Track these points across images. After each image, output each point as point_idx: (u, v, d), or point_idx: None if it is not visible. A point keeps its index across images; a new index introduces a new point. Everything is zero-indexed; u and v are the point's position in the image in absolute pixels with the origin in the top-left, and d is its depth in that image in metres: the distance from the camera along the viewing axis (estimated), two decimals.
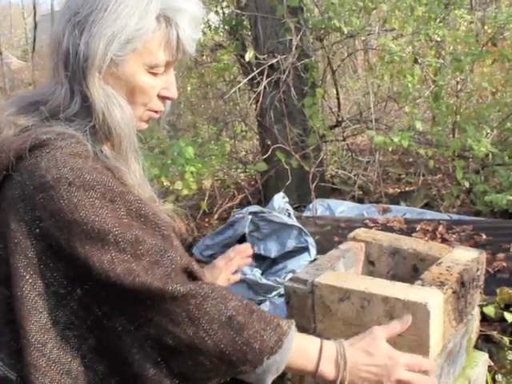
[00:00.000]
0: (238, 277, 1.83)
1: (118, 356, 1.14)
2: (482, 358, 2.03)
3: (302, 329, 1.87)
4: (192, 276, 1.21)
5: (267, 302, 3.81)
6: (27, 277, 1.12)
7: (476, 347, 2.12)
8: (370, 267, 2.11)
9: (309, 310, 1.80)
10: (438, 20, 5.34)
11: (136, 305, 1.11)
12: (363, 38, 6.04)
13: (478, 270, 1.90)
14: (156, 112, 1.34)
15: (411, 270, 2.02)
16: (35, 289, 1.12)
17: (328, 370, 1.23)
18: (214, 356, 1.12)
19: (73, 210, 1.09)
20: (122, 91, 1.25)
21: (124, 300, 1.11)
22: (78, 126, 1.21)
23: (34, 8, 19.49)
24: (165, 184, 4.77)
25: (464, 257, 1.89)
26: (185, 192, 4.67)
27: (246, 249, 1.77)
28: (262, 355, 1.14)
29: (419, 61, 5.13)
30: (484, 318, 2.62)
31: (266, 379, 1.18)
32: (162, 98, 1.32)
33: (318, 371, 1.24)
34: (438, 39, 5.56)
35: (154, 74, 1.27)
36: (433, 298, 1.62)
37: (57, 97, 1.23)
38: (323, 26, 5.15)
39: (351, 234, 2.14)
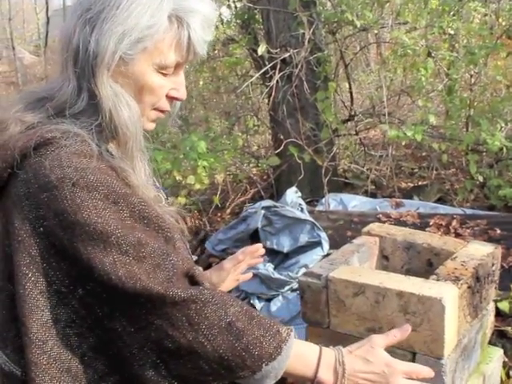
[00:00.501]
0: (249, 276, 1.82)
1: (117, 355, 1.14)
2: (497, 354, 2.03)
3: (316, 323, 1.87)
4: (193, 280, 1.20)
5: (280, 297, 3.81)
6: (30, 275, 1.12)
7: (490, 343, 2.11)
8: (384, 262, 2.10)
9: (323, 304, 1.80)
10: (451, 13, 5.29)
11: (137, 308, 1.11)
12: (376, 32, 5.99)
13: (493, 264, 1.89)
14: (163, 112, 1.32)
15: (426, 264, 2.01)
16: (37, 287, 1.12)
17: (326, 376, 1.22)
18: (213, 361, 1.13)
19: (76, 210, 1.09)
20: (131, 90, 1.24)
21: (125, 302, 1.11)
22: (83, 124, 1.21)
23: (47, 3, 19.54)
24: (177, 178, 4.78)
25: (479, 252, 1.88)
26: (197, 186, 4.67)
27: (257, 249, 1.75)
28: (260, 361, 1.14)
29: (433, 54, 5.09)
30: (498, 314, 2.60)
31: None
32: (171, 99, 1.31)
33: (316, 378, 1.23)
34: (452, 32, 5.51)
35: (164, 74, 1.26)
36: (448, 293, 1.62)
37: (64, 93, 1.22)
38: (336, 20, 5.12)
39: (365, 229, 2.13)
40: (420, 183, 5.67)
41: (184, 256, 1.21)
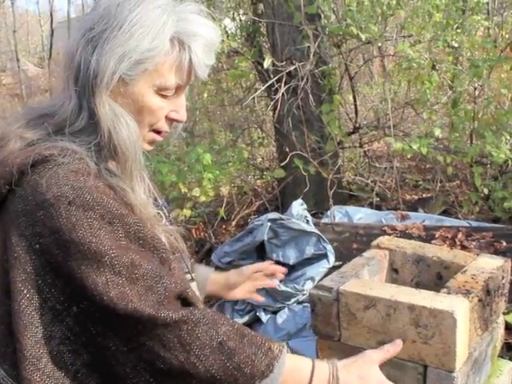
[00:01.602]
0: (260, 298, 1.92)
1: (111, 373, 1.15)
2: (507, 367, 2.03)
3: (326, 336, 1.87)
4: (186, 302, 1.21)
5: (286, 309, 3.81)
6: (25, 291, 1.13)
7: (500, 356, 2.11)
8: (394, 275, 2.11)
9: (334, 317, 1.81)
10: (455, 26, 5.32)
11: (128, 328, 1.11)
12: (380, 45, 6.03)
13: (503, 278, 1.90)
14: (160, 134, 1.32)
15: (435, 277, 2.02)
16: (32, 303, 1.13)
17: None
18: (206, 381, 1.13)
19: (71, 229, 1.10)
20: (130, 110, 1.24)
21: (117, 323, 1.12)
22: (82, 143, 1.22)
23: (51, 15, 19.69)
24: (182, 191, 4.79)
25: (489, 265, 1.89)
26: (202, 199, 4.69)
27: (279, 271, 1.82)
28: (253, 380, 1.14)
29: (437, 67, 5.11)
30: (506, 327, 2.61)
31: None
32: (170, 120, 1.31)
33: None
34: (456, 45, 5.54)
35: (164, 96, 1.26)
36: (459, 306, 1.62)
37: (64, 111, 1.23)
38: (341, 33, 5.15)
39: (375, 242, 2.14)
40: (425, 195, 5.68)
41: (178, 277, 1.21)
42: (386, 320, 1.70)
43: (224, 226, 5.48)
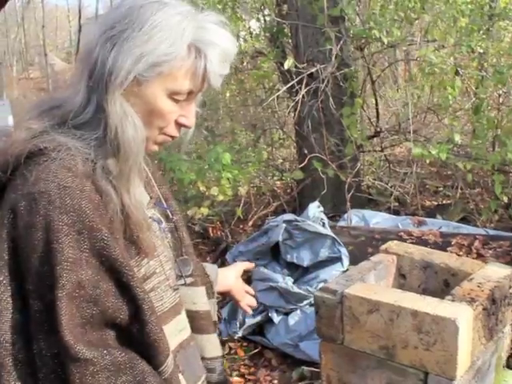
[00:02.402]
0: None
1: None
2: None
3: (329, 339, 1.88)
4: (116, 328, 1.21)
5: (298, 311, 3.82)
6: (1, 278, 1.16)
7: (508, 366, 2.09)
8: (401, 280, 2.10)
9: (337, 320, 1.81)
10: (481, 32, 5.27)
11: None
12: (404, 49, 6.00)
13: (510, 287, 1.88)
14: (172, 137, 1.33)
15: (442, 284, 2.01)
16: (8, 290, 1.15)
17: None
18: None
19: (42, 227, 1.13)
20: (141, 111, 1.25)
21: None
22: (84, 137, 1.23)
23: (79, 11, 19.86)
24: (201, 189, 4.81)
25: (496, 273, 1.88)
26: (220, 198, 4.70)
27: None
28: None
29: (460, 72, 5.07)
30: None
31: None
32: (179, 125, 1.32)
33: None
34: (481, 51, 5.49)
35: (175, 101, 1.27)
36: (462, 314, 1.62)
37: (71, 103, 1.25)
38: (364, 36, 5.13)
39: (383, 247, 2.14)
40: (444, 202, 5.64)
41: (115, 305, 1.19)
42: (388, 325, 1.70)
43: (241, 226, 5.49)
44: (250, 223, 5.34)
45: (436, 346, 1.63)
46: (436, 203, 5.69)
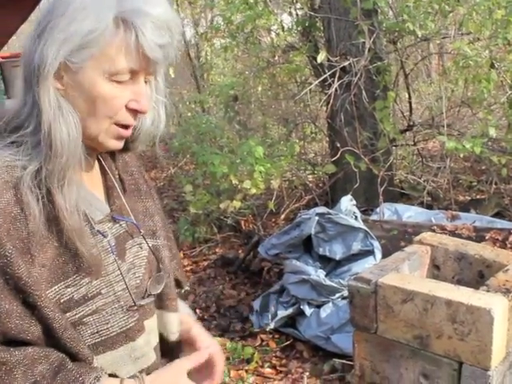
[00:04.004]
0: None
1: None
2: None
3: (363, 328, 1.89)
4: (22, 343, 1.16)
5: (330, 304, 3.83)
6: None
7: None
8: (435, 271, 2.10)
9: (371, 309, 1.81)
10: None
11: None
12: (438, 42, 5.94)
13: None
14: (126, 128, 1.23)
15: (477, 275, 2.00)
16: None
17: None
18: None
19: None
20: (83, 102, 1.18)
21: None
22: (18, 140, 1.17)
23: None
24: (233, 182, 4.84)
25: None
26: (253, 191, 4.73)
27: None
28: None
29: (496, 66, 5.01)
30: None
31: None
32: (132, 112, 1.22)
33: None
34: None
35: (118, 83, 1.18)
36: (497, 304, 1.61)
37: (11, 109, 1.21)
38: (397, 29, 5.10)
39: (417, 238, 2.14)
40: (478, 197, 5.58)
41: (19, 323, 1.14)
42: (422, 314, 1.70)
43: (273, 219, 5.52)
44: (282, 216, 5.36)
45: (470, 336, 1.62)
46: (469, 198, 5.64)
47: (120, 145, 1.26)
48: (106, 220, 1.30)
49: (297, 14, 6.11)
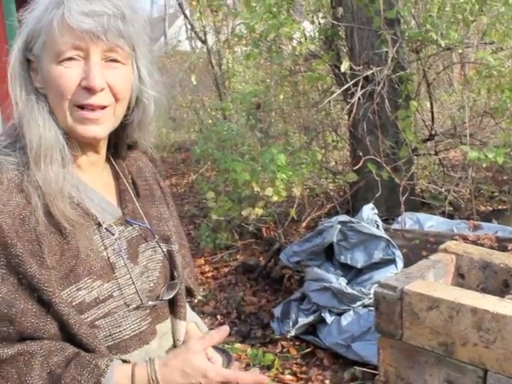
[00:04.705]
0: None
1: None
2: None
3: (388, 334, 1.90)
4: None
5: (351, 312, 3.84)
6: None
7: None
8: (460, 280, 2.11)
9: (397, 316, 1.83)
10: None
11: None
12: (460, 51, 5.94)
13: None
14: (89, 109, 1.23)
15: (501, 284, 2.01)
16: None
17: None
18: None
19: None
20: (49, 93, 1.23)
21: None
22: (17, 146, 1.23)
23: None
24: (255, 189, 4.87)
25: None
26: (275, 198, 4.75)
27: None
28: None
29: None
30: None
31: None
32: (85, 90, 1.21)
33: None
34: None
35: (68, 64, 1.20)
36: None
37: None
38: (420, 39, 5.11)
39: (442, 246, 2.15)
40: (500, 207, 5.56)
41: (35, 323, 1.17)
42: (448, 321, 1.71)
43: (294, 227, 5.53)
44: (304, 224, 5.38)
45: (496, 343, 1.64)
46: (491, 208, 5.62)
47: (93, 131, 1.25)
48: (117, 223, 1.32)
49: (319, 23, 6.14)
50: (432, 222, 4.64)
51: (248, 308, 4.66)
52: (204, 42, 9.95)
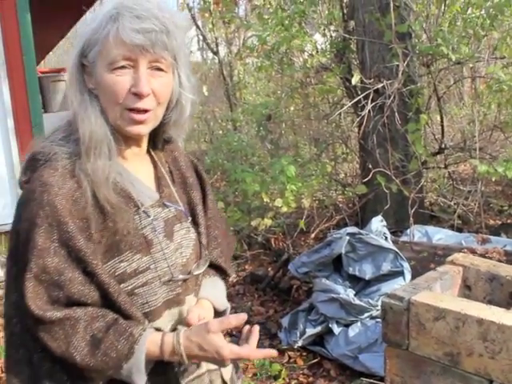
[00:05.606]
0: None
1: None
2: None
3: (395, 344, 1.92)
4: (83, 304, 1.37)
5: (358, 323, 3.84)
6: (8, 261, 1.42)
7: None
8: (466, 291, 2.13)
9: (403, 326, 1.85)
10: None
11: (28, 316, 1.33)
12: (471, 66, 5.96)
13: None
14: (138, 112, 1.39)
15: (508, 297, 2.03)
16: (11, 274, 1.40)
17: (173, 359, 1.39)
18: (82, 367, 1.33)
19: (25, 218, 1.35)
20: (102, 96, 1.40)
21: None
22: (72, 138, 1.41)
23: None
24: (264, 200, 4.90)
25: None
26: (284, 209, 4.78)
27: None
28: (119, 362, 1.34)
29: None
30: None
31: (132, 377, 1.36)
32: (134, 95, 1.37)
33: (167, 360, 1.40)
34: None
35: (119, 72, 1.36)
36: None
37: None
38: (431, 53, 5.14)
39: (449, 258, 2.17)
40: (509, 221, 5.56)
41: (82, 290, 1.34)
42: (454, 332, 1.73)
43: (303, 238, 5.56)
44: (312, 236, 5.40)
45: (501, 354, 1.65)
46: (500, 222, 5.62)
47: (138, 129, 1.42)
48: (155, 205, 1.50)
49: (331, 36, 6.19)
50: (440, 235, 4.65)
51: (256, 318, 4.67)
52: (216, 53, 10.03)
